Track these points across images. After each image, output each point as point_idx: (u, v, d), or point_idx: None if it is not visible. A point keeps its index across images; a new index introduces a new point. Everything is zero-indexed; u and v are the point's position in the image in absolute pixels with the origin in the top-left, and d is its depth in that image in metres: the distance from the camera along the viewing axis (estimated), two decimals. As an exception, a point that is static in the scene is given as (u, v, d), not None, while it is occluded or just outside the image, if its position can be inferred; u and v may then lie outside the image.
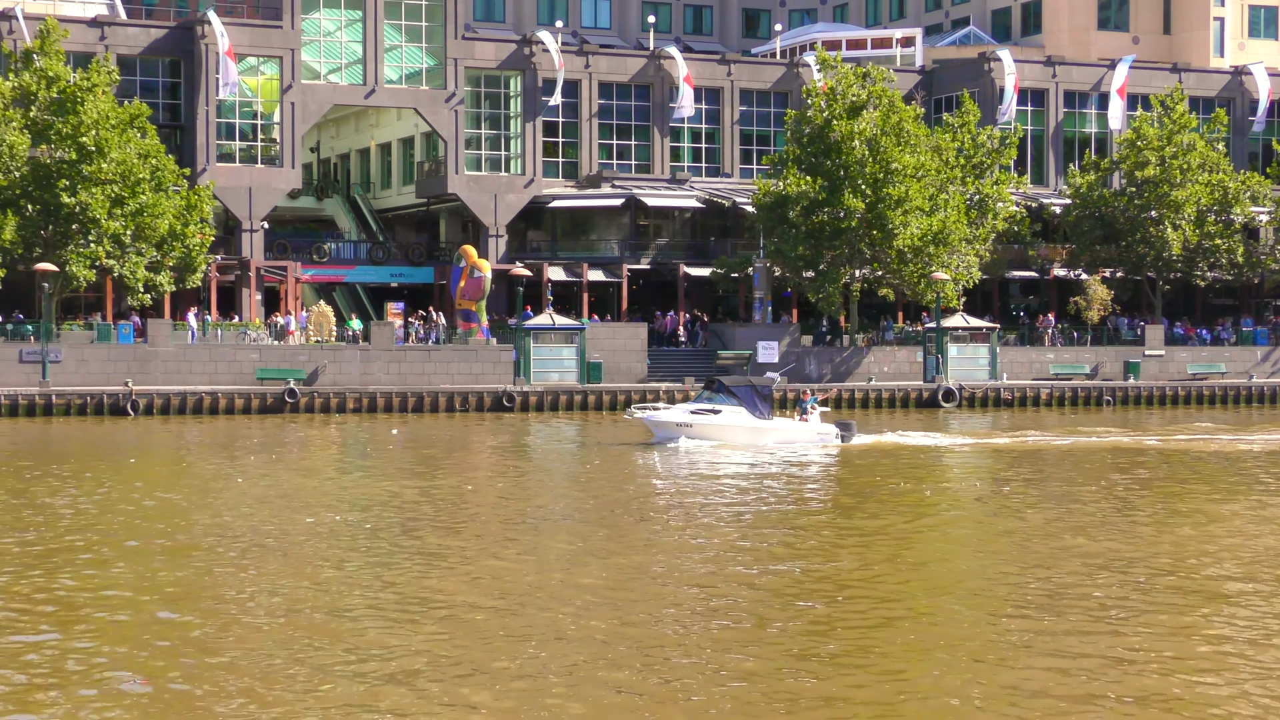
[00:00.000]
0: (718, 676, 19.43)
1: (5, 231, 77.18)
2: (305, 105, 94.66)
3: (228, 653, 20.50)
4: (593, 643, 21.34)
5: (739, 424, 57.34)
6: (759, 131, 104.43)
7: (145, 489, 42.17)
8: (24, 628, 22.04)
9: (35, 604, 24.00)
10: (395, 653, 20.61)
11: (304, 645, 20.94)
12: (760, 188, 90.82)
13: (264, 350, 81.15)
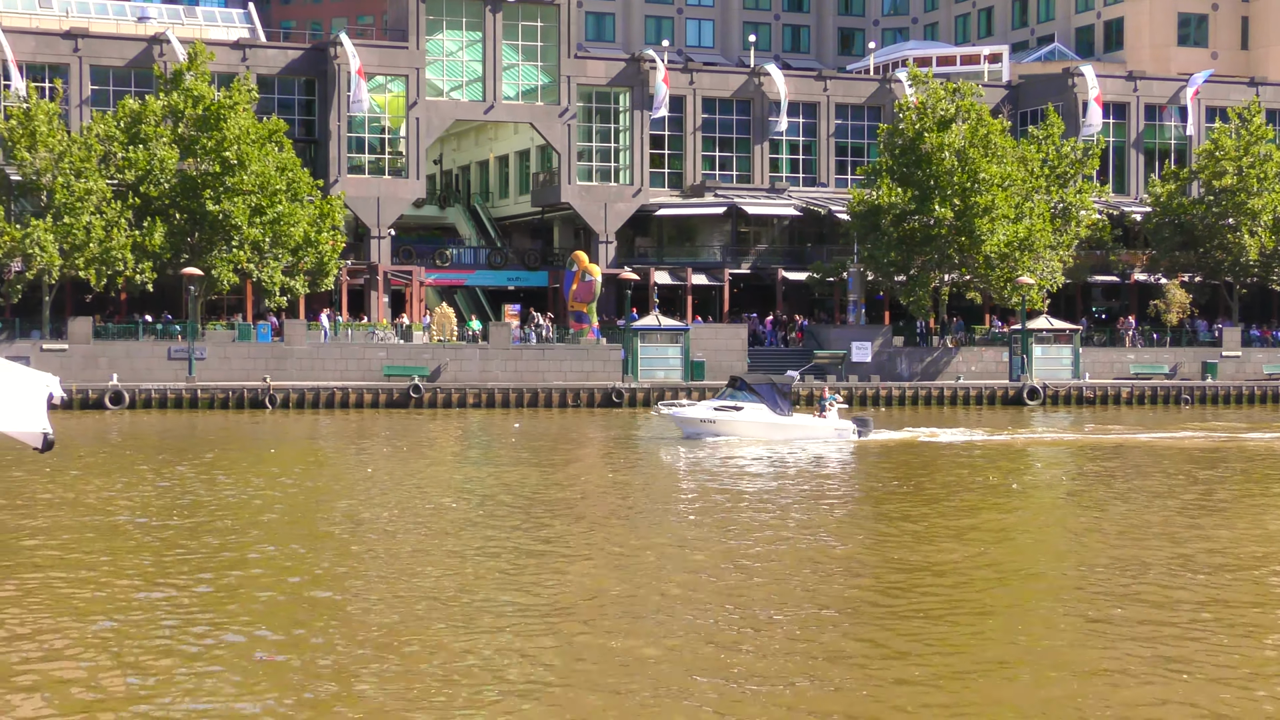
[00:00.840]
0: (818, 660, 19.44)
1: (155, 238, 78.43)
2: (429, 120, 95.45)
3: (361, 627, 20.69)
4: (710, 621, 21.36)
5: (760, 420, 56.65)
6: (853, 144, 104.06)
7: (285, 476, 42.69)
8: (175, 604, 22.37)
9: (187, 586, 24.25)
10: (519, 631, 20.68)
11: (434, 620, 21.14)
12: (854, 197, 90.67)
13: (391, 349, 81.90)
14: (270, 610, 22.19)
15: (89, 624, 20.98)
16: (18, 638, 19.95)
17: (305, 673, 18.15)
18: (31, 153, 78.11)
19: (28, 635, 20.14)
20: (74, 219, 77.11)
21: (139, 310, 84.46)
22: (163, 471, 43.83)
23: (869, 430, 57.33)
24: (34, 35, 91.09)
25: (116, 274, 78.55)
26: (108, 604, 22.49)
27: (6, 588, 23.60)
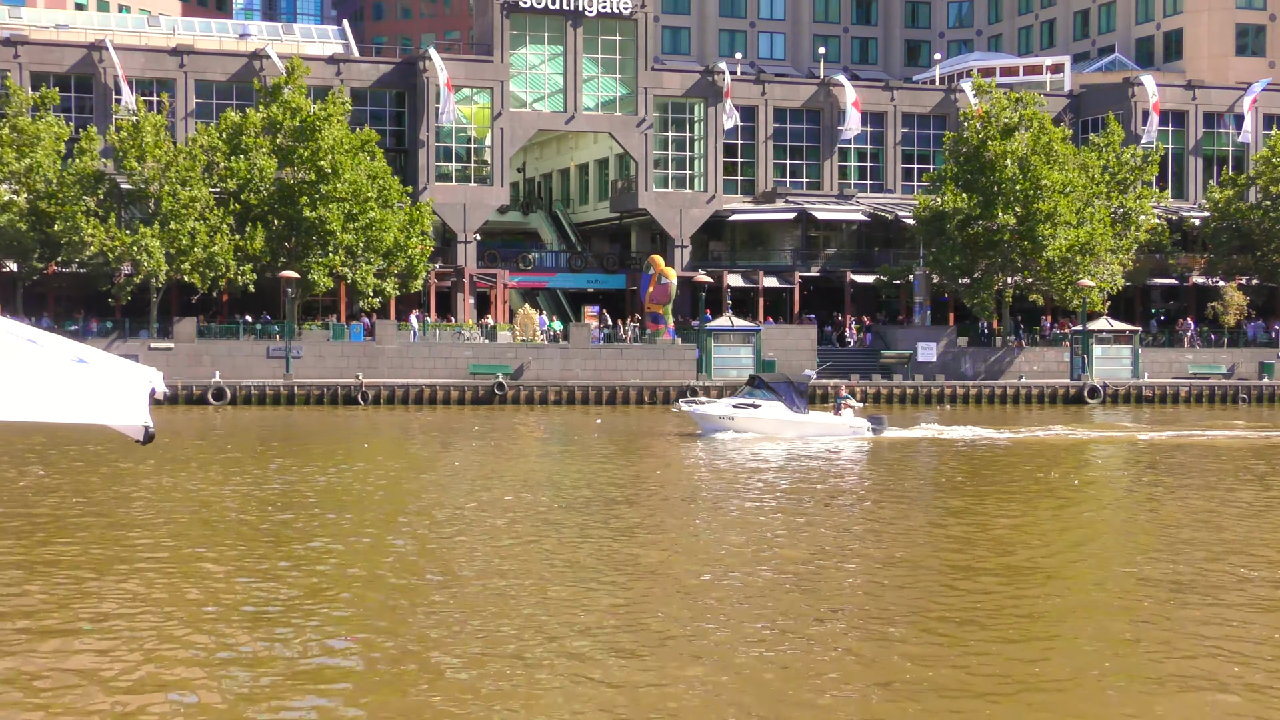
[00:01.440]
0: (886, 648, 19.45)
1: (256, 242, 79.28)
2: (513, 131, 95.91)
3: (448, 612, 20.85)
4: (781, 610, 21.39)
5: (776, 417, 55.98)
6: (919, 151, 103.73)
7: (377, 469, 43.04)
8: (269, 589, 22.64)
9: (281, 573, 24.53)
10: (602, 613, 20.79)
11: (514, 607, 21.27)
12: (920, 202, 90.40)
13: (476, 348, 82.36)
14: (360, 595, 22.42)
15: (187, 607, 21.32)
16: (124, 616, 20.29)
17: (388, 655, 18.38)
18: (140, 163, 79.13)
19: (133, 617, 20.47)
20: (179, 225, 78.01)
21: (240, 311, 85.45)
22: (261, 463, 44.31)
23: (883, 428, 56.62)
24: (143, 52, 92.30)
25: (219, 277, 79.45)
26: (205, 589, 22.83)
27: (116, 571, 24.00)
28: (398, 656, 18.18)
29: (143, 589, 22.58)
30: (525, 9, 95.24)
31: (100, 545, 26.91)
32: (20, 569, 23.86)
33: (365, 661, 17.96)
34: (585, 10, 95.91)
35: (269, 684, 16.68)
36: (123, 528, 29.41)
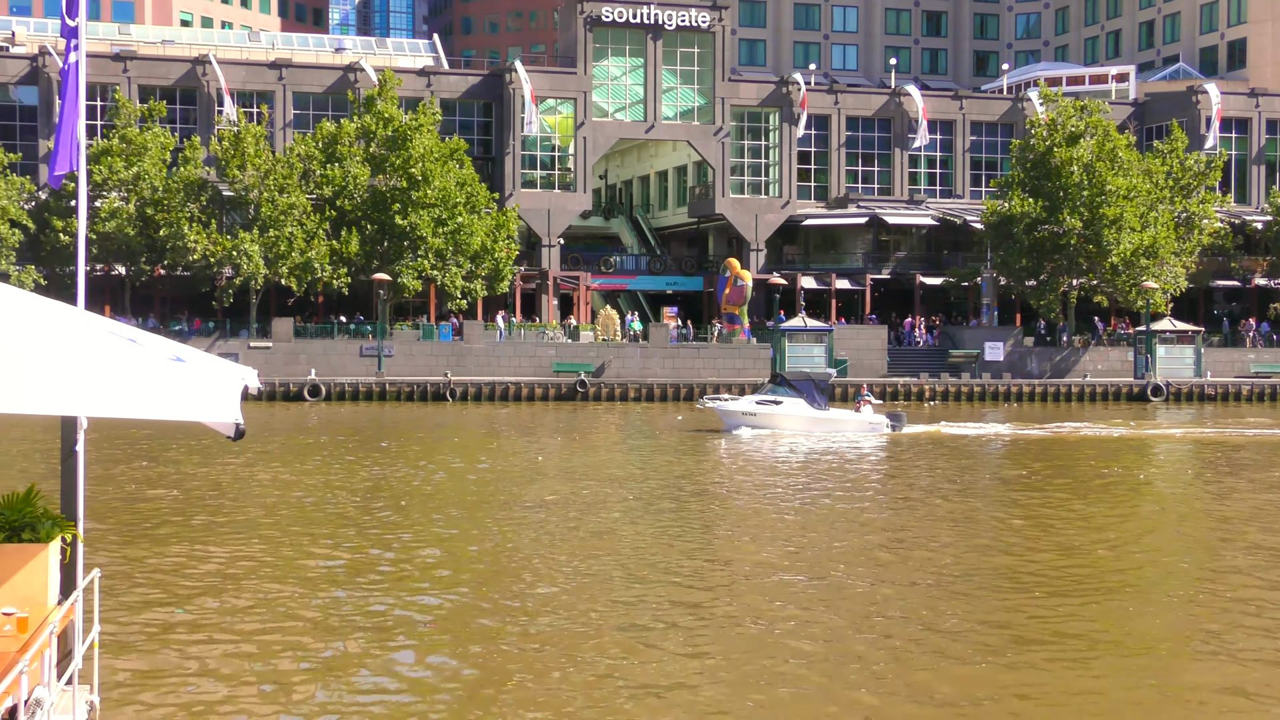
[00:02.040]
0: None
1: (350, 247, 79.94)
2: (595, 139, 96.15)
3: (530, 599, 20.93)
4: (864, 601, 21.32)
5: (798, 414, 55.48)
6: (987, 158, 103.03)
7: (465, 462, 43.26)
8: (359, 575, 22.84)
9: (372, 561, 24.69)
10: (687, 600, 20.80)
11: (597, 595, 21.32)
12: (988, 207, 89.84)
13: (559, 347, 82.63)
14: (447, 582, 22.53)
15: (283, 593, 21.51)
16: (229, 609, 20.52)
17: (469, 640, 18.45)
18: (241, 171, 79.98)
19: (237, 606, 20.69)
20: (278, 230, 78.77)
21: (334, 312, 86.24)
22: (355, 456, 44.65)
23: (902, 425, 56.19)
24: (244, 66, 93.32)
25: (315, 279, 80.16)
26: (297, 575, 23.05)
27: (215, 558, 24.26)
28: (478, 646, 18.27)
29: (242, 571, 22.83)
30: (608, 23, 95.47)
31: (201, 533, 27.23)
32: (126, 559, 24.17)
33: (444, 644, 18.05)
34: (665, 24, 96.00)
35: (347, 666, 16.83)
36: (223, 516, 29.75)
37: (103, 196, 79.82)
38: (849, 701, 15.51)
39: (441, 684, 16.16)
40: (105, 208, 79.13)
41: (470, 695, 15.62)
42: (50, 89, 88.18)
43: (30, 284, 73.38)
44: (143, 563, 23.58)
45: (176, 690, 15.58)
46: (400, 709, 15.02)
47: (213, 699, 15.23)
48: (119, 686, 15.26)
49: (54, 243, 79.54)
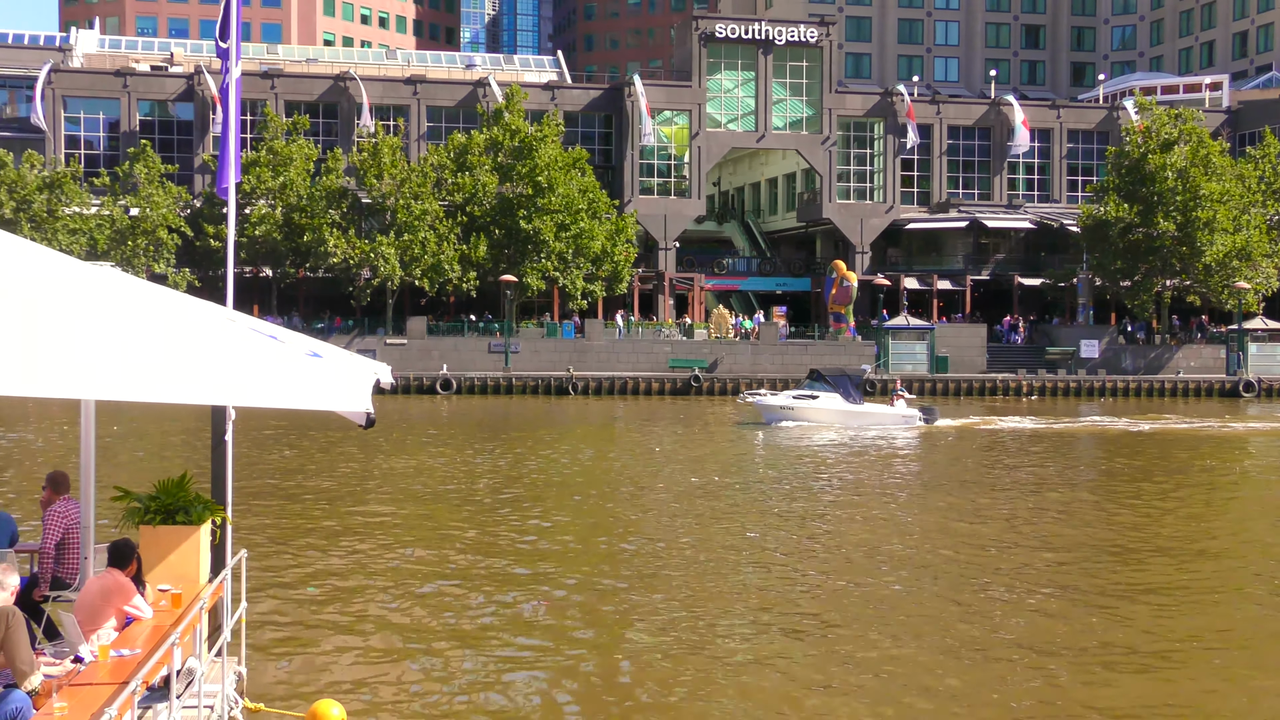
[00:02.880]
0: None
1: (479, 250, 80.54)
2: (709, 148, 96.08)
3: (651, 580, 20.93)
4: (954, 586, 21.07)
5: (833, 408, 54.77)
6: (1083, 164, 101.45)
7: (588, 451, 43.38)
8: (485, 556, 23.09)
9: (505, 544, 24.82)
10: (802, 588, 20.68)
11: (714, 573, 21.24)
12: (1084, 211, 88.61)
13: (675, 344, 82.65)
14: (570, 565, 22.57)
15: (417, 572, 21.70)
16: (364, 586, 20.73)
17: (586, 621, 18.46)
18: (378, 180, 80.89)
19: (373, 584, 20.89)
20: (412, 235, 79.57)
21: (464, 311, 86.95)
22: (484, 446, 44.90)
23: (935, 418, 55.39)
24: (382, 82, 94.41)
25: (446, 281, 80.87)
26: (430, 556, 23.23)
27: (353, 539, 24.52)
28: (594, 626, 18.28)
29: (378, 550, 23.05)
30: (721, 39, 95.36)
31: (340, 516, 27.54)
32: (271, 538, 24.50)
33: (562, 622, 18.09)
34: (775, 39, 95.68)
35: (476, 642, 16.92)
36: (361, 500, 30.07)
37: (251, 204, 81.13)
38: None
39: (564, 659, 16.20)
40: (254, 214, 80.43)
41: (596, 669, 15.65)
42: (204, 105, 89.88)
43: (185, 285, 74.75)
44: (286, 543, 23.91)
45: (316, 661, 15.79)
46: (527, 682, 15.08)
47: (350, 669, 15.41)
48: (264, 658, 15.49)
49: (206, 247, 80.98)
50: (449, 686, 14.79)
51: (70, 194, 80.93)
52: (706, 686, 14.93)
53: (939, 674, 15.52)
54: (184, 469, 13.84)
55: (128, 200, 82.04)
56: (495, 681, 15.03)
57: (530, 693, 14.64)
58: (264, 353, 7.59)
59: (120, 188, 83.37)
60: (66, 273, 7.95)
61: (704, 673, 15.45)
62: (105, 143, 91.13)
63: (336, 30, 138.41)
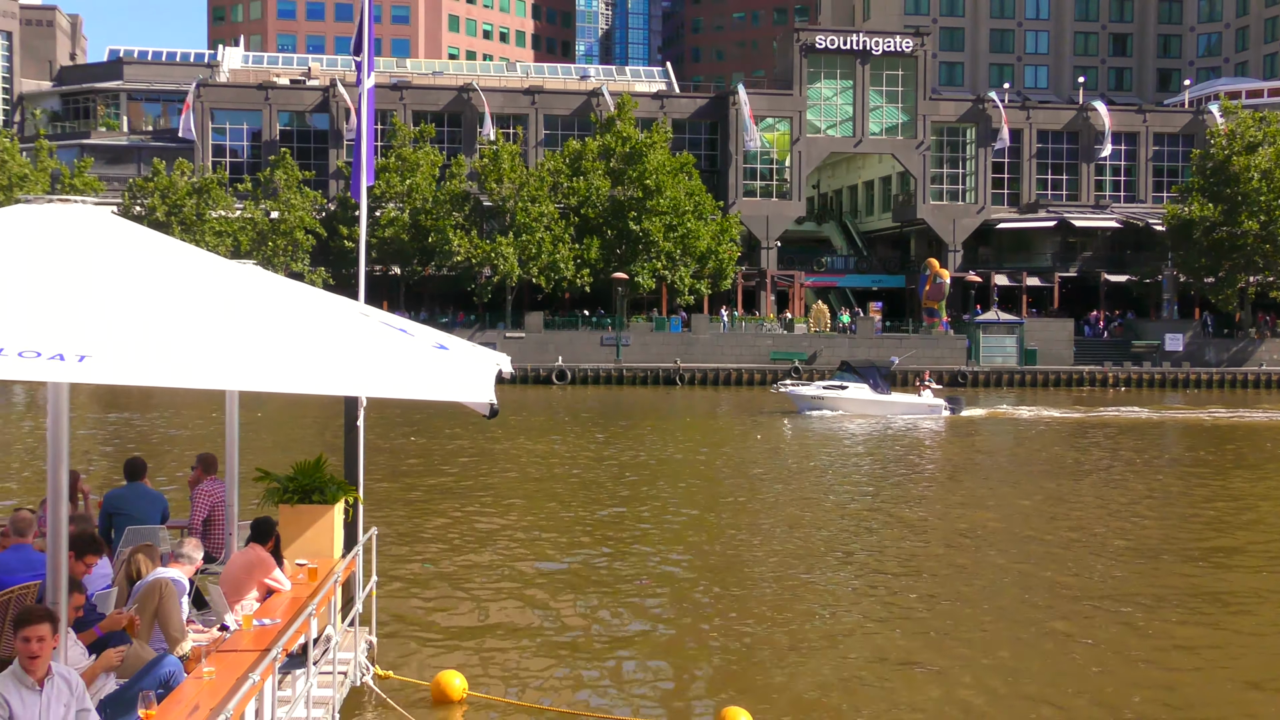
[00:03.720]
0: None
1: (592, 250, 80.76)
2: (808, 153, 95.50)
3: (745, 561, 20.88)
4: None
5: (861, 397, 54.03)
6: (1168, 166, 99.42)
7: (694, 438, 43.32)
8: (597, 536, 23.16)
9: (612, 521, 24.85)
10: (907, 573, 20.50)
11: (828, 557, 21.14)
12: (1169, 211, 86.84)
13: (776, 338, 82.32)
14: (672, 544, 22.53)
15: (535, 549, 21.79)
16: (486, 562, 20.84)
17: (680, 598, 18.42)
18: (498, 184, 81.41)
19: (495, 560, 21.00)
20: (529, 236, 79.98)
21: (578, 307, 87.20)
22: (597, 433, 44.98)
23: (960, 408, 54.53)
24: (502, 93, 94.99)
25: (561, 278, 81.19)
26: (547, 536, 23.30)
27: (474, 519, 24.67)
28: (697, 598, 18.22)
29: (497, 529, 23.16)
30: (820, 50, 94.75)
31: (463, 498, 27.72)
32: (400, 517, 24.75)
33: (662, 597, 18.06)
34: (872, 50, 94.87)
35: (589, 616, 16.93)
36: (481, 483, 30.26)
37: (381, 207, 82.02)
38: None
39: (675, 634, 16.18)
40: (383, 217, 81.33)
41: (716, 642, 15.61)
42: (339, 115, 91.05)
43: (320, 283, 75.81)
44: (414, 522, 24.15)
45: (441, 633, 15.92)
46: (641, 656, 15.09)
47: (472, 641, 15.51)
48: (392, 628, 15.66)
49: (340, 247, 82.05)
50: (565, 658, 14.84)
51: (216, 199, 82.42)
52: (808, 655, 14.83)
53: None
54: (319, 453, 14.01)
55: (268, 204, 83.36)
56: (609, 654, 15.05)
57: (644, 665, 14.64)
58: (395, 346, 7.65)
59: (261, 192, 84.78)
60: (216, 271, 8.08)
61: (813, 639, 15.35)
62: (248, 151, 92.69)
63: (460, 45, 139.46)
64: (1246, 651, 15.59)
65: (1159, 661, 14.96)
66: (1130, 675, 14.30)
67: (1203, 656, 15.32)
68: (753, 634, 16.02)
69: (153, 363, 6.23)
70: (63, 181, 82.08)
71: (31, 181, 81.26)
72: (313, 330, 7.53)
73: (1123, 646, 15.44)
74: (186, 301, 7.18)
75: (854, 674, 14.25)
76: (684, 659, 14.89)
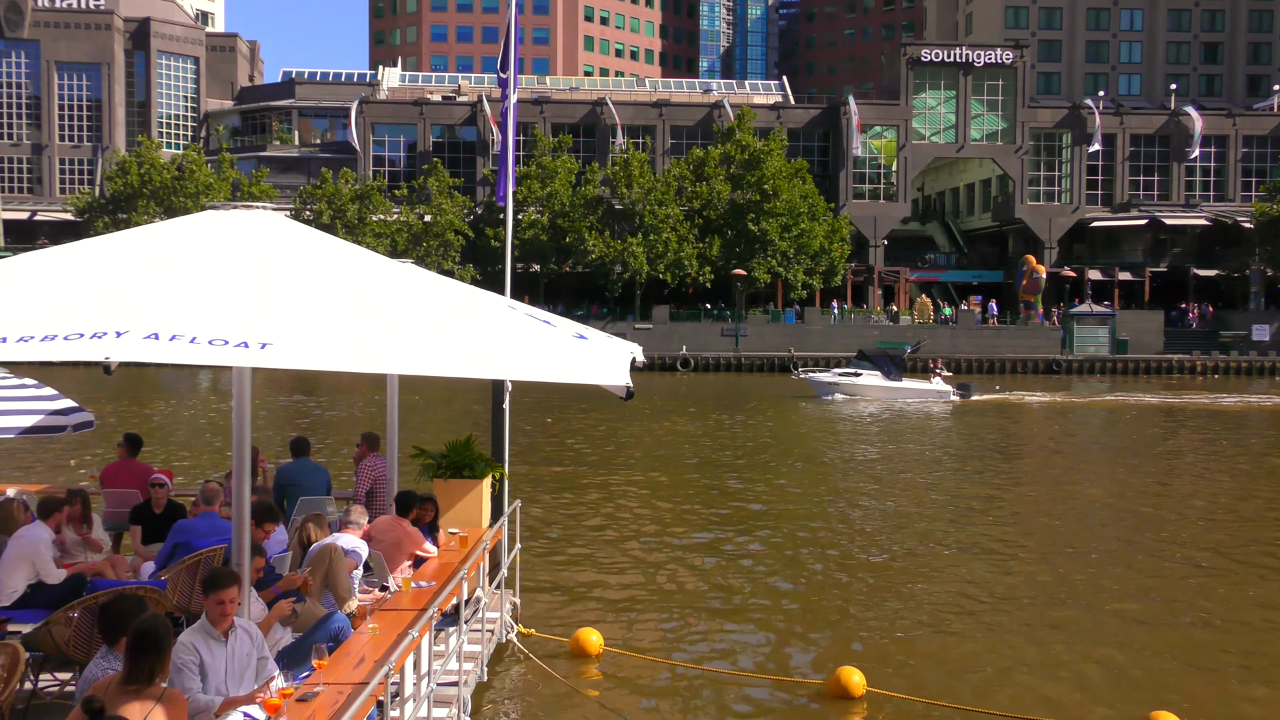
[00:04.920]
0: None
1: (713, 249, 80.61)
2: (914, 158, 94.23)
3: (855, 534, 20.76)
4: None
5: (874, 383, 53.28)
6: (1257, 166, 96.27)
7: (808, 422, 43.07)
8: (716, 510, 23.09)
9: (715, 501, 24.78)
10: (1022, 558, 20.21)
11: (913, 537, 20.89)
12: (1257, 209, 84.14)
13: (883, 329, 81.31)
14: (787, 516, 22.43)
15: (656, 518, 21.80)
16: (617, 532, 20.91)
17: (792, 564, 18.29)
18: (629, 189, 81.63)
19: (625, 532, 21.06)
20: (657, 236, 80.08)
21: (700, 300, 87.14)
22: (720, 414, 44.91)
23: (970, 393, 53.58)
24: (632, 106, 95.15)
25: (685, 275, 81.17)
26: (672, 508, 23.31)
27: (607, 491, 24.77)
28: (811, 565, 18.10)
29: (630, 500, 23.23)
30: (925, 63, 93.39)
31: (597, 472, 27.84)
32: (542, 490, 24.92)
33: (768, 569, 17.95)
34: (974, 62, 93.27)
35: (711, 583, 16.91)
36: (615, 460, 30.37)
37: (523, 211, 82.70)
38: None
39: (791, 601, 16.09)
40: (525, 219, 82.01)
41: (833, 606, 15.50)
42: (485, 128, 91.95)
43: (469, 279, 76.68)
44: (554, 494, 24.31)
45: (578, 595, 16.01)
46: (758, 618, 15.03)
47: (607, 602, 15.58)
48: (533, 591, 15.78)
49: (486, 246, 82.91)
50: (691, 617, 14.83)
51: (376, 204, 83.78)
52: (920, 615, 14.65)
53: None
54: (469, 433, 14.17)
55: (422, 208, 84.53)
56: (732, 615, 15.02)
57: (764, 625, 14.58)
58: (540, 335, 7.69)
59: (416, 198, 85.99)
60: (378, 268, 8.19)
61: (926, 604, 15.16)
62: (404, 161, 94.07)
63: (595, 63, 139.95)
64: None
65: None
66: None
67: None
68: (868, 600, 15.86)
69: (325, 349, 6.34)
70: (242, 189, 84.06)
71: (215, 190, 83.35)
72: (465, 321, 7.59)
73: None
74: (353, 295, 7.29)
75: (970, 636, 14.03)
76: (801, 621, 14.79)
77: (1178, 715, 10.96)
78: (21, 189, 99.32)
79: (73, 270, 7.11)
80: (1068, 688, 12.26)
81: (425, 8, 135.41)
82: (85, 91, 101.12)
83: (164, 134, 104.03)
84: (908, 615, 15.09)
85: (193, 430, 37.20)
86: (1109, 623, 14.79)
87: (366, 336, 6.62)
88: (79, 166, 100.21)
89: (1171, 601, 15.94)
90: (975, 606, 15.55)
